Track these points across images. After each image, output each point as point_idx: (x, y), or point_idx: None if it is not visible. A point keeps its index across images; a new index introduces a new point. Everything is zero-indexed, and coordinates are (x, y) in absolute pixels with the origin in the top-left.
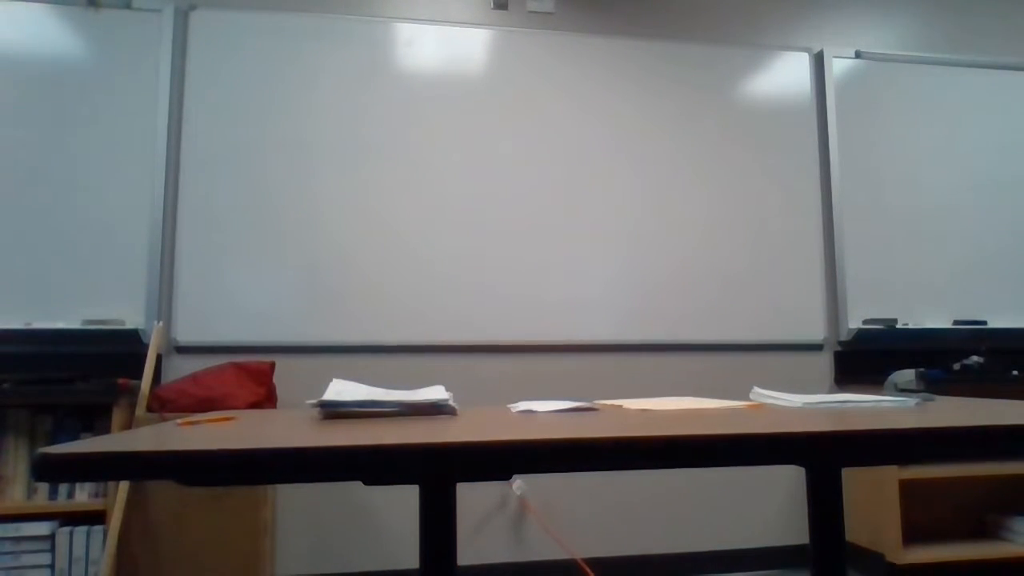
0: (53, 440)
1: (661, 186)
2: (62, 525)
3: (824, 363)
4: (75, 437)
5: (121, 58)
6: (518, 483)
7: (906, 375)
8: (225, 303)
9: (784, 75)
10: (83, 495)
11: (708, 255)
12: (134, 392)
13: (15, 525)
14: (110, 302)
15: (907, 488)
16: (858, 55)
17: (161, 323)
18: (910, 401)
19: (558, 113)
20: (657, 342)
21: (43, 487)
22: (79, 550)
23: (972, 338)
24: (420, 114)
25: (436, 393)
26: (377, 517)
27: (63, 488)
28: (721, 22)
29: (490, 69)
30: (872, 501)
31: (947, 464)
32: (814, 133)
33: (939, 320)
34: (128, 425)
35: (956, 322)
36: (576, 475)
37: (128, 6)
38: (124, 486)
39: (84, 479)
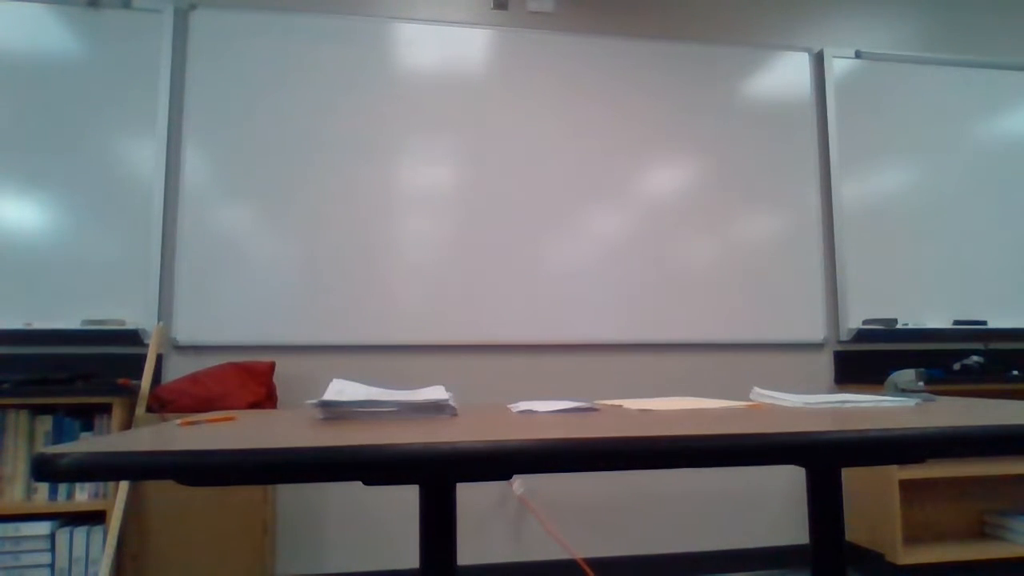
0: (53, 440)
1: (661, 185)
2: (62, 525)
3: (824, 363)
4: (75, 437)
5: (121, 58)
6: (518, 483)
7: (906, 375)
8: (225, 303)
9: (784, 75)
10: (83, 495)
11: (708, 255)
12: (134, 392)
13: (15, 525)
14: (110, 302)
15: (907, 488)
16: (858, 55)
17: (161, 323)
18: (910, 401)
19: (558, 113)
20: (657, 342)
21: (43, 487)
22: (79, 550)
23: (972, 338)
24: (420, 113)
25: (436, 393)
26: (377, 517)
27: (63, 488)
28: (721, 22)
29: (490, 69)
30: (872, 501)
31: (947, 464)
32: (814, 133)
33: (939, 320)
34: (128, 425)
35: (956, 322)
36: (576, 475)
37: (128, 6)
38: (124, 486)
39: (84, 479)
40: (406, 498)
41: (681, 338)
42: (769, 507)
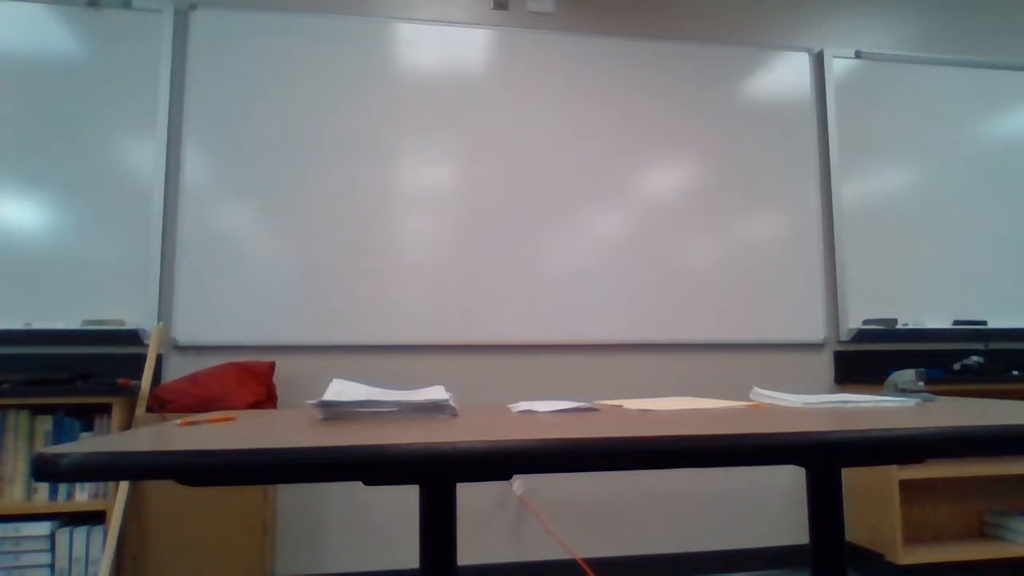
0: (53, 440)
1: (661, 186)
2: (62, 525)
3: (824, 363)
4: (75, 437)
5: (121, 58)
6: (518, 483)
7: (906, 375)
8: (225, 303)
9: (784, 75)
10: (83, 495)
11: (708, 255)
12: (134, 392)
13: (15, 525)
14: (110, 302)
15: (907, 488)
16: (858, 55)
17: (161, 323)
18: (910, 401)
19: (558, 113)
20: (657, 342)
21: (43, 487)
22: (79, 550)
23: (972, 338)
24: (420, 113)
25: (436, 393)
26: (377, 517)
27: (63, 488)
28: (721, 22)
29: (490, 69)
30: (872, 501)
31: (947, 464)
32: (814, 133)
33: (939, 320)
34: (128, 425)
35: (956, 322)
36: (576, 475)
37: (128, 6)
38: (124, 486)
39: (84, 479)
40: (406, 498)
41: (681, 338)
42: (769, 507)
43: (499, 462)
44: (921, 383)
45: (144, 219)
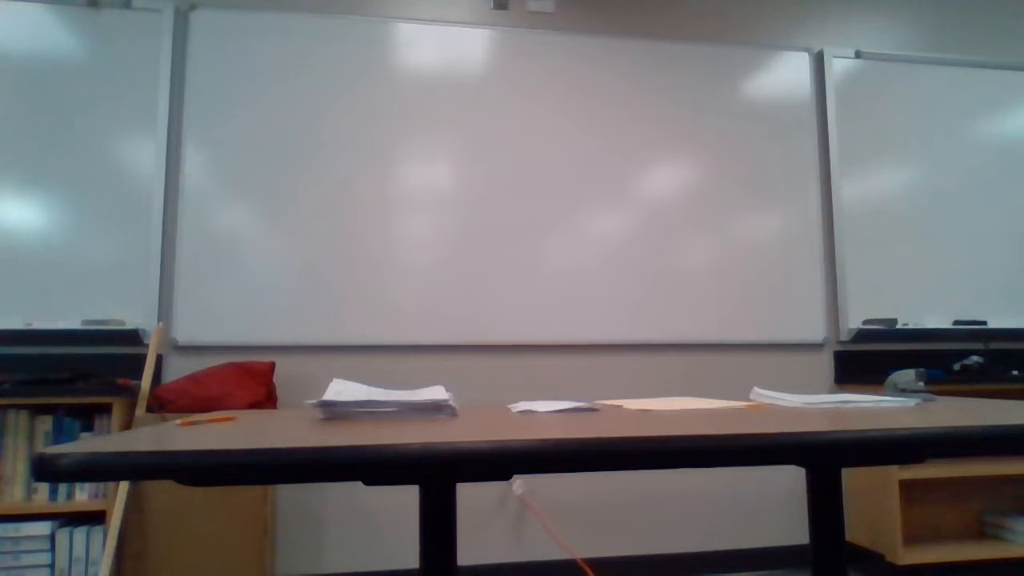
0: (53, 440)
1: (660, 186)
2: (62, 525)
3: (824, 363)
4: (75, 437)
5: (121, 58)
6: (518, 483)
7: (906, 375)
8: (225, 303)
9: (784, 75)
10: (83, 495)
11: (708, 255)
12: (134, 392)
13: (15, 525)
14: (110, 302)
15: (907, 488)
16: (858, 55)
17: (161, 323)
18: (910, 401)
19: (558, 112)
20: (657, 342)
21: (43, 487)
22: (79, 550)
23: (972, 338)
24: (420, 113)
25: (436, 393)
26: (377, 517)
27: (63, 488)
28: (721, 22)
29: (490, 69)
30: (872, 501)
31: (947, 464)
32: (814, 133)
33: (939, 320)
34: (128, 425)
35: (956, 322)
36: (576, 475)
37: (128, 6)
38: (124, 486)
39: (84, 479)
40: (406, 498)
41: (681, 338)
42: (769, 507)
43: (499, 462)
44: (921, 383)
45: (144, 219)
